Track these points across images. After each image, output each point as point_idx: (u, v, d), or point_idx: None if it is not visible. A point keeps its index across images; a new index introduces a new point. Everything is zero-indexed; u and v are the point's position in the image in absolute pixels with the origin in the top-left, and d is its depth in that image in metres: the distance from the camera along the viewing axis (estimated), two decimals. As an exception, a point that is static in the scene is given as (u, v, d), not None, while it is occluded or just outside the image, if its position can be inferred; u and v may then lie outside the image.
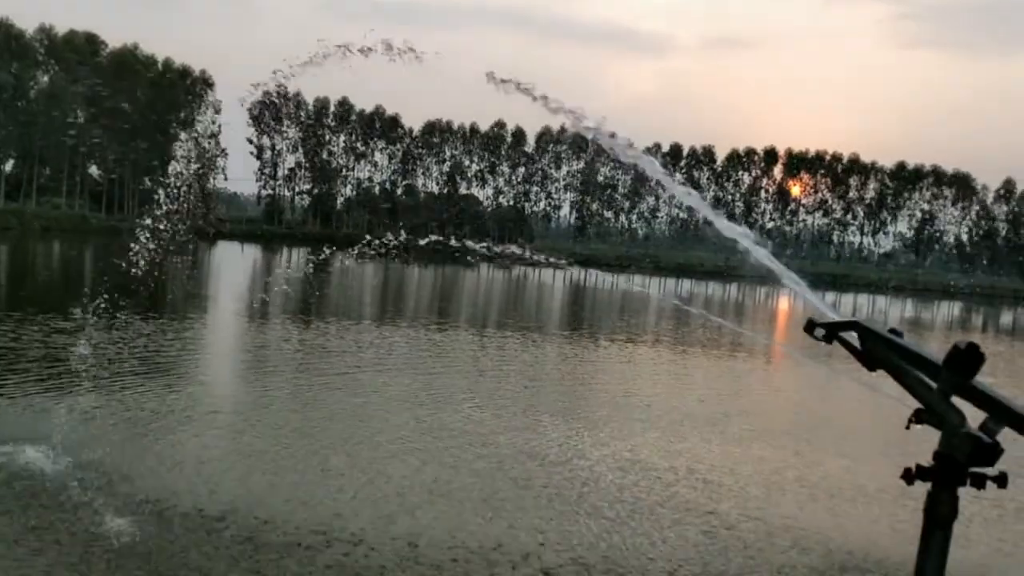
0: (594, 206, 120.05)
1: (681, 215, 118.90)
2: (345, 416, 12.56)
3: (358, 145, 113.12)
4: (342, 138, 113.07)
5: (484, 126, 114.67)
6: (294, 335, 21.62)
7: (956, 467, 1.98)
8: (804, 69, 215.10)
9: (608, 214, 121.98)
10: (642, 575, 7.38)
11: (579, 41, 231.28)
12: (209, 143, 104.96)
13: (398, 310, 33.09)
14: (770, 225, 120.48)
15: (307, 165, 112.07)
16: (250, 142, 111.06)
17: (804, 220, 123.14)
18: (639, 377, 20.08)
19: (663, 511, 9.19)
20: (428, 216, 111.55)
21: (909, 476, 2.05)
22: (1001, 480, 2.01)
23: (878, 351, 2.16)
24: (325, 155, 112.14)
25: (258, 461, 9.85)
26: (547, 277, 64.55)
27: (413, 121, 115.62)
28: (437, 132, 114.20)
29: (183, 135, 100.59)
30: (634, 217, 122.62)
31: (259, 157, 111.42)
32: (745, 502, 9.78)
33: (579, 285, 59.84)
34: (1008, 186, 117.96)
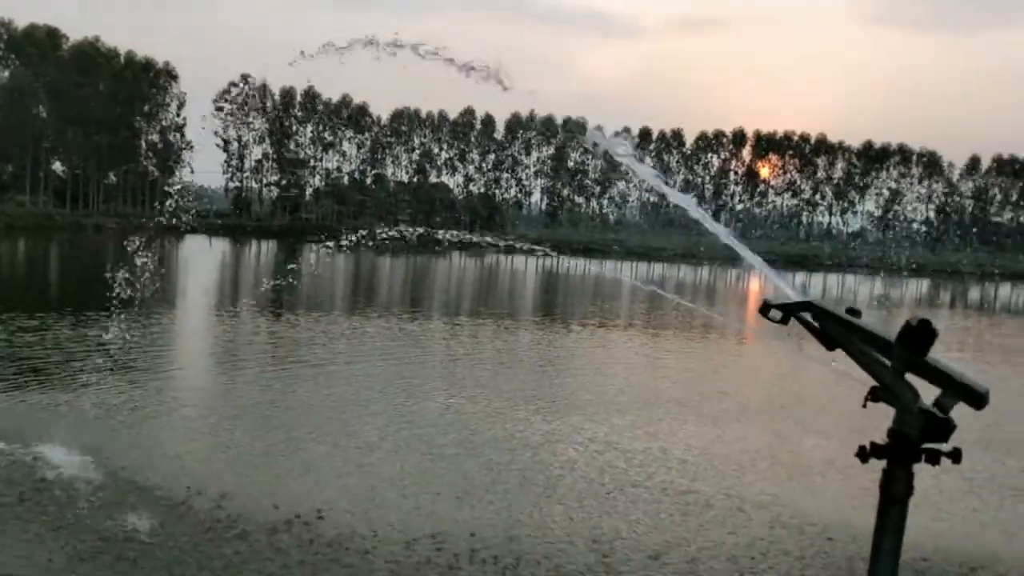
0: (565, 192, 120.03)
1: (652, 199, 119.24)
2: (322, 407, 12.46)
3: (326, 135, 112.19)
4: (309, 128, 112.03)
5: (453, 113, 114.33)
6: (270, 328, 21.43)
7: (910, 444, 1.99)
8: (771, 49, 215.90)
9: (579, 200, 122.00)
10: (622, 556, 7.39)
11: (549, 25, 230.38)
12: (174, 136, 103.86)
13: (370, 300, 32.91)
14: (740, 207, 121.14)
15: (274, 156, 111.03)
16: (216, 134, 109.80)
17: (773, 201, 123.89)
18: (612, 361, 20.12)
19: (640, 492, 9.21)
20: (398, 205, 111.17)
21: (863, 454, 2.05)
22: (955, 456, 2.01)
23: (833, 330, 2.16)
24: (292, 146, 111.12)
25: (243, 454, 9.80)
26: (519, 264, 64.52)
27: (381, 110, 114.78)
28: (406, 120, 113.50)
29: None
30: (605, 202, 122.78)
31: (226, 149, 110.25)
32: (721, 480, 9.84)
33: (551, 271, 59.86)
34: (974, 163, 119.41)
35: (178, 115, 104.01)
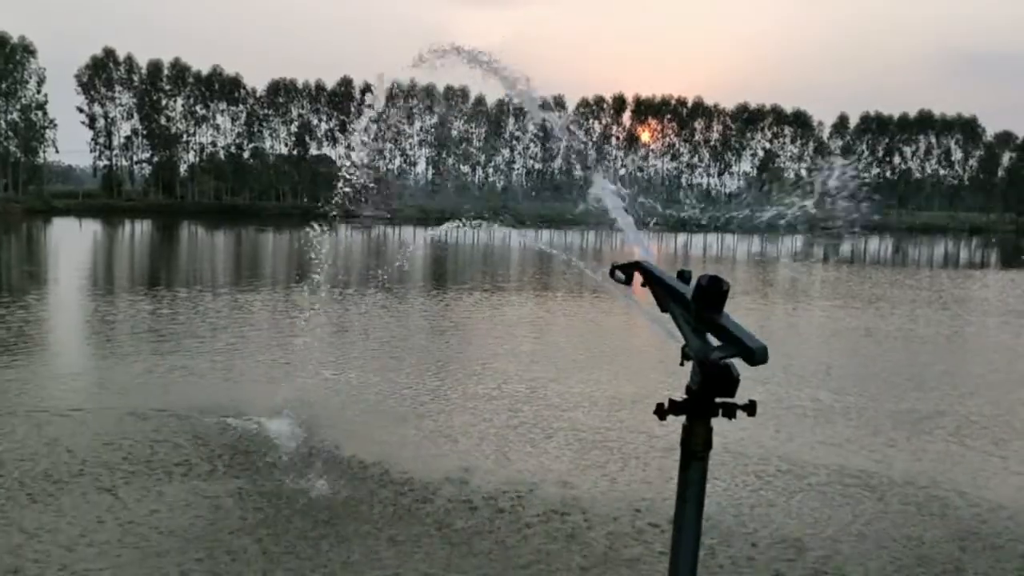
0: (450, 161, 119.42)
1: (537, 166, 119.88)
2: (212, 387, 11.99)
3: (197, 108, 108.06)
4: (180, 102, 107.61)
5: (330, 83, 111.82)
6: (149, 307, 20.51)
7: (704, 399, 1.98)
8: (645, 13, 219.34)
9: (465, 168, 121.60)
10: (526, 479, 7.94)
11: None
12: (36, 115, 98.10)
13: (253, 274, 31.96)
14: (622, 171, 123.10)
15: (144, 132, 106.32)
16: (80, 111, 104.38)
17: (654, 165, 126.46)
18: (509, 324, 20.10)
19: (553, 432, 9.33)
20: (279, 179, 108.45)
21: (661, 411, 2.03)
22: (750, 408, 2.02)
23: (656, 292, 2.20)
24: (163, 120, 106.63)
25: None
26: (407, 235, 63.99)
27: (255, 81, 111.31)
28: (282, 91, 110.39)
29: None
30: (491, 170, 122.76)
31: (92, 126, 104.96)
32: (620, 421, 10.11)
33: (439, 241, 59.51)
34: (842, 121, 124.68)
35: (39, 92, 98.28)
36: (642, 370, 14.34)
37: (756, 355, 1.91)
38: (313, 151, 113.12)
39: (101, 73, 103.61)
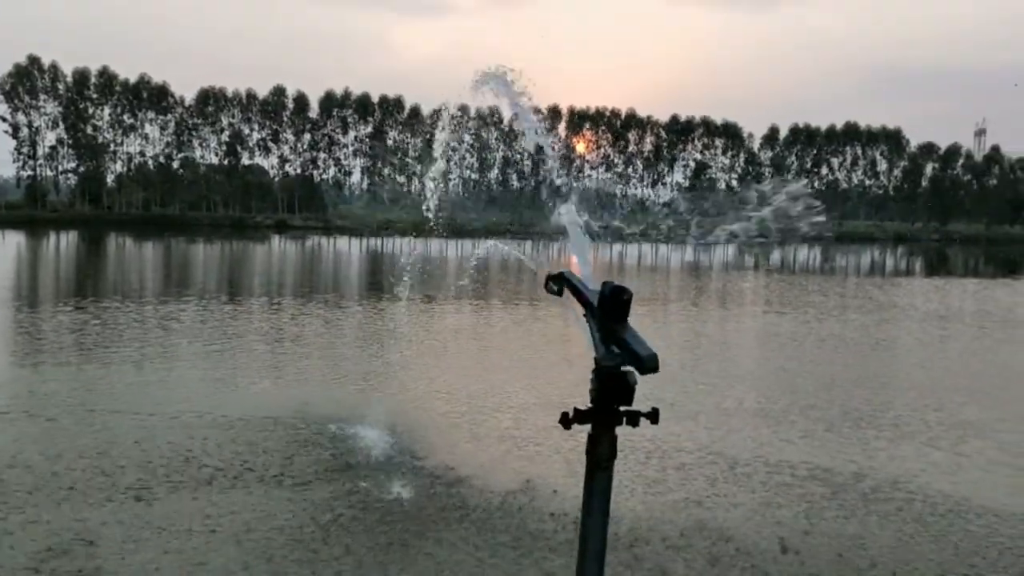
0: (386, 171, 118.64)
1: (473, 176, 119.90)
2: (163, 397, 11.63)
3: (125, 117, 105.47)
4: (107, 110, 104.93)
5: (262, 92, 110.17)
6: (68, 320, 19.86)
7: (606, 407, 1.95)
8: (579, 26, 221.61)
9: (401, 179, 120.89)
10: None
11: (360, 5, 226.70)
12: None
13: (182, 285, 31.26)
14: (559, 182, 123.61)
15: (70, 142, 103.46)
16: (3, 120, 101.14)
17: (589, 175, 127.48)
18: (446, 330, 20.00)
19: (482, 430, 9.24)
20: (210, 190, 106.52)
21: (566, 420, 1.98)
22: (653, 416, 2.01)
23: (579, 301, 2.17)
24: (89, 130, 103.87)
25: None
26: (343, 246, 63.42)
27: (184, 90, 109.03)
28: (212, 100, 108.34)
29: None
30: (427, 181, 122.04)
31: (15, 136, 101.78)
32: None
33: (376, 252, 59.13)
34: (772, 133, 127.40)
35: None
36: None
37: (645, 362, 1.88)
38: (245, 160, 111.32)
39: (25, 81, 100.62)
